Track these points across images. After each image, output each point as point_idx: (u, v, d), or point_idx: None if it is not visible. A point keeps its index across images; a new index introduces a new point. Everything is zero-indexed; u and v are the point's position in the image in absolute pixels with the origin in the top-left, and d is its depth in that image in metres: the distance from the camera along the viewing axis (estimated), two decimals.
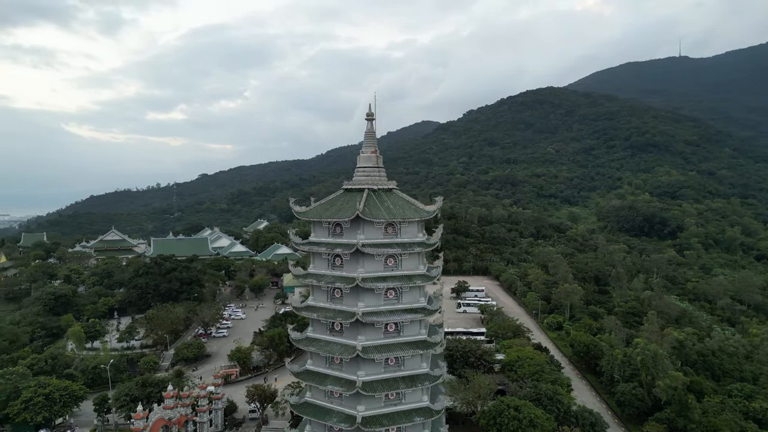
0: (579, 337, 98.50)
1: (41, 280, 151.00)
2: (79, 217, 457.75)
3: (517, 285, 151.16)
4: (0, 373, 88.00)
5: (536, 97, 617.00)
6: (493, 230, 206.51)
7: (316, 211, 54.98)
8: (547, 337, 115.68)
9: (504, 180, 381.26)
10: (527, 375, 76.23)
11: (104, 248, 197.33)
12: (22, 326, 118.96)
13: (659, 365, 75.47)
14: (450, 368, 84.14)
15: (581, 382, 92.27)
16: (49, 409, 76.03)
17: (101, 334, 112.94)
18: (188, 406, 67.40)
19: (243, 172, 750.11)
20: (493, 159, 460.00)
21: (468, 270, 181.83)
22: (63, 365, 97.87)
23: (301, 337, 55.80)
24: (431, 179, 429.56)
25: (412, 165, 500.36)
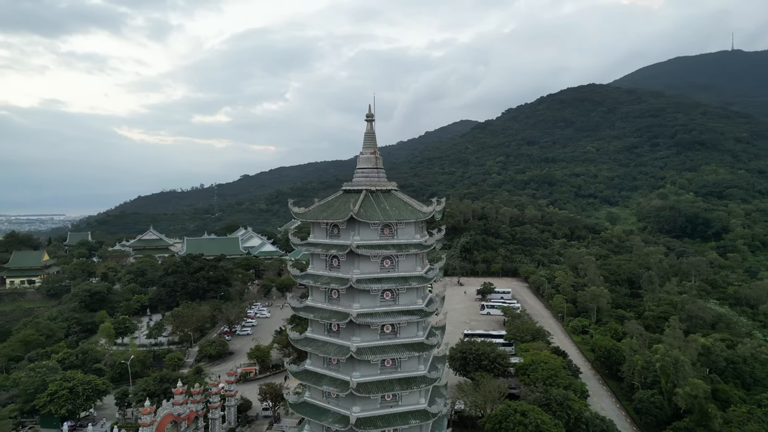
0: (600, 342, 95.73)
1: (80, 277, 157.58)
2: (126, 217, 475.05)
3: (545, 287, 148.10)
4: (31, 366, 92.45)
5: (577, 95, 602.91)
6: (525, 231, 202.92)
7: (314, 212, 55.36)
8: (571, 341, 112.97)
9: (541, 180, 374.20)
10: (539, 379, 74.62)
11: (142, 247, 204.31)
12: (58, 322, 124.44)
13: (680, 372, 72.51)
14: (463, 371, 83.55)
15: (602, 388, 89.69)
16: (72, 402, 79.17)
17: (130, 330, 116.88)
18: (199, 402, 68.90)
19: (283, 172, 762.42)
20: (531, 158, 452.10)
21: (497, 271, 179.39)
22: (92, 360, 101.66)
23: (300, 338, 56.31)
24: (467, 179, 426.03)
25: (448, 165, 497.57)
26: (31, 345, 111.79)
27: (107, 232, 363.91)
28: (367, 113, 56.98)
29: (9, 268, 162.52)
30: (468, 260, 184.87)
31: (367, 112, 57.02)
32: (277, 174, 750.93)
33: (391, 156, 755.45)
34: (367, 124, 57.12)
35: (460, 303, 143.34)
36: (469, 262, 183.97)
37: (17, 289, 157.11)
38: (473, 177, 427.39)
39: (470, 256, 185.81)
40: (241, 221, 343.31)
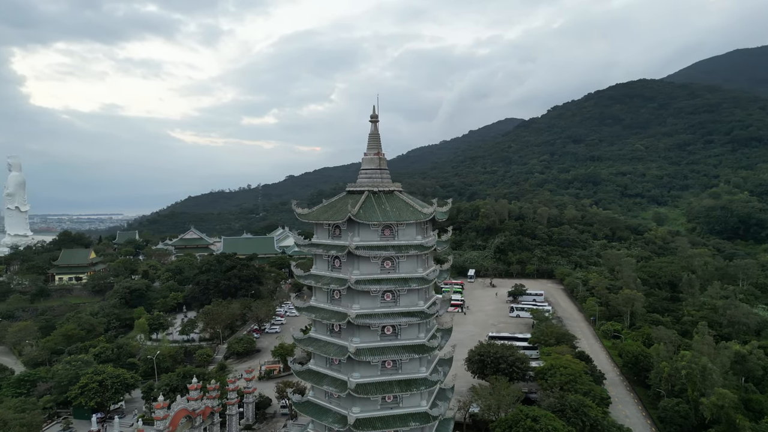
0: (628, 347, 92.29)
1: (123, 274, 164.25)
2: (175, 217, 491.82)
3: (579, 290, 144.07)
4: (67, 359, 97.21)
5: (627, 91, 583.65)
6: (562, 232, 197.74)
7: (316, 213, 55.91)
8: (601, 346, 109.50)
9: (585, 179, 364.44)
10: (557, 384, 72.73)
11: (183, 246, 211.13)
12: (99, 317, 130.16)
13: (708, 380, 69.13)
14: (481, 374, 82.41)
15: (629, 395, 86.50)
16: (101, 395, 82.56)
17: (164, 326, 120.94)
18: (214, 398, 70.56)
19: (327, 173, 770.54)
20: (576, 157, 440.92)
21: (532, 273, 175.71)
22: (127, 354, 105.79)
23: (304, 338, 56.96)
24: (508, 178, 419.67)
25: (490, 164, 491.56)
26: (73, 339, 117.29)
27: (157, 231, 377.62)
28: (371, 114, 57.02)
29: (58, 265, 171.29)
30: (502, 261, 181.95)
31: (371, 114, 57.04)
32: (321, 174, 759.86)
33: (434, 155, 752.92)
34: (371, 126, 57.17)
35: (491, 305, 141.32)
36: (504, 264, 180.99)
37: (65, 286, 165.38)
38: (515, 176, 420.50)
39: (504, 257, 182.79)
40: (283, 221, 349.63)
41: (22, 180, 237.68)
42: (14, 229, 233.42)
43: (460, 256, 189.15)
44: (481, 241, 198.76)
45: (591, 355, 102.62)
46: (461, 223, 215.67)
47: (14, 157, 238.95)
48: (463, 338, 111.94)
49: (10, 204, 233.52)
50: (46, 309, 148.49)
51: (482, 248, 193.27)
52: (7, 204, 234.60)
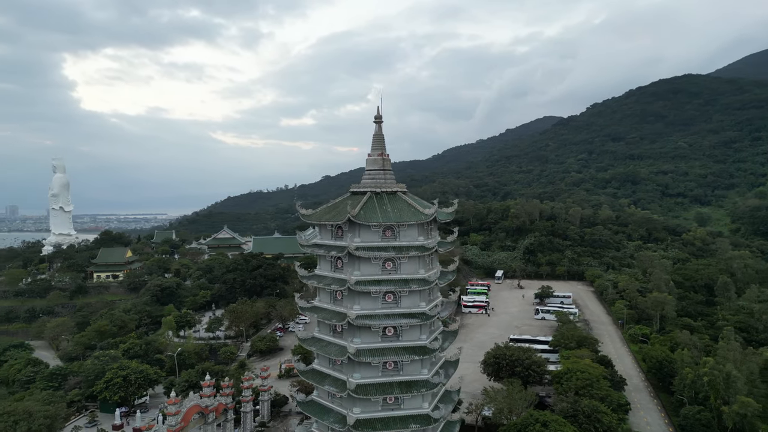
0: (652, 352, 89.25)
1: (156, 273, 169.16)
2: (213, 216, 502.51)
3: (608, 292, 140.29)
4: (96, 355, 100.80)
5: (670, 87, 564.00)
6: (595, 232, 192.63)
7: (319, 214, 56.32)
8: (628, 350, 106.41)
9: (624, 178, 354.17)
10: (572, 389, 71.03)
11: (216, 245, 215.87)
12: (131, 314, 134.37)
13: (731, 388, 66.29)
14: (496, 377, 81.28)
15: (652, 402, 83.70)
16: (125, 389, 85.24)
17: (191, 324, 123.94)
18: (228, 396, 71.87)
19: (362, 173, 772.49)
20: (615, 155, 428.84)
21: (562, 274, 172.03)
22: (154, 350, 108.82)
23: (308, 337, 57.41)
24: (544, 178, 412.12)
25: (526, 163, 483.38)
26: (105, 335, 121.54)
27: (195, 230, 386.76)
28: (375, 115, 57.05)
29: (96, 263, 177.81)
30: (532, 263, 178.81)
31: (375, 114, 57.05)
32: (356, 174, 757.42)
33: (469, 155, 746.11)
34: (375, 126, 57.18)
35: (516, 307, 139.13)
36: (533, 265, 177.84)
37: (102, 283, 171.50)
38: (551, 175, 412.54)
39: (534, 259, 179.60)
40: None
41: (66, 181, 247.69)
42: (59, 228, 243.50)
43: (488, 257, 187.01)
44: (511, 241, 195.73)
45: (616, 359, 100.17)
46: (491, 224, 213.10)
47: (59, 159, 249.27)
48: (484, 340, 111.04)
49: (55, 204, 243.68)
50: (84, 305, 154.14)
51: (511, 249, 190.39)
52: (52, 204, 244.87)
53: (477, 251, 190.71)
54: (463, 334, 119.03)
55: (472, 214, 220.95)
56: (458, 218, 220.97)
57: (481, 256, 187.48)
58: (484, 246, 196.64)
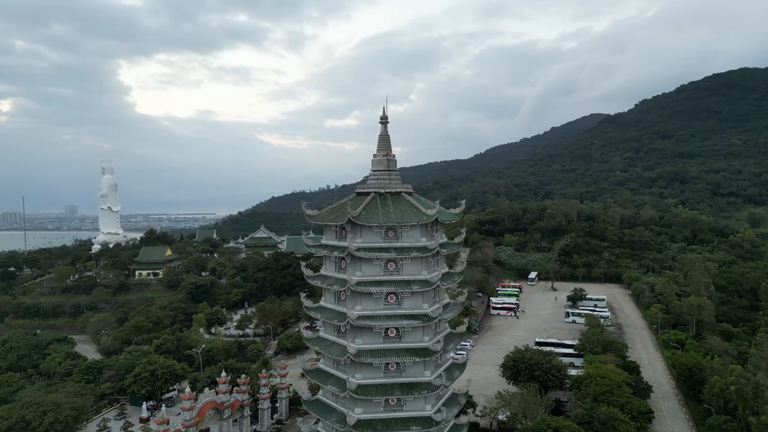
0: (682, 358, 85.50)
1: (194, 271, 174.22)
2: (256, 216, 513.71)
3: (645, 295, 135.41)
4: (129, 350, 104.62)
5: (725, 81, 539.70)
6: (635, 233, 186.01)
7: (324, 215, 56.68)
8: (660, 356, 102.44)
9: (672, 177, 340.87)
10: (591, 394, 68.95)
11: (253, 245, 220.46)
12: (167, 311, 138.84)
13: (761, 398, 62.83)
14: (514, 380, 79.80)
15: (681, 411, 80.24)
16: (152, 384, 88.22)
17: (221, 321, 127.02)
18: (244, 392, 73.22)
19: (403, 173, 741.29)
20: (664, 153, 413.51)
21: (598, 277, 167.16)
22: (185, 346, 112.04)
23: (313, 337, 57.98)
24: (587, 177, 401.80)
25: (570, 162, 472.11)
26: (141, 330, 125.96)
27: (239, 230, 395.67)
28: (381, 115, 57.07)
29: (138, 261, 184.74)
30: (567, 264, 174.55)
31: (381, 115, 57.05)
32: None
33: (512, 154, 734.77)
34: (381, 127, 57.19)
35: (547, 309, 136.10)
36: (569, 267, 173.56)
37: (143, 280, 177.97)
38: (594, 174, 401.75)
39: (570, 260, 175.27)
40: None
41: (114, 182, 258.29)
42: (107, 227, 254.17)
43: (522, 258, 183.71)
44: (547, 242, 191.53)
45: (647, 365, 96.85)
46: (527, 224, 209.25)
47: (107, 161, 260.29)
48: (510, 343, 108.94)
49: (103, 204, 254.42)
50: (125, 302, 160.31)
51: (547, 250, 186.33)
52: (101, 205, 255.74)
53: (511, 252, 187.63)
54: (489, 337, 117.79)
55: (507, 214, 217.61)
56: (493, 218, 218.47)
57: (515, 257, 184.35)
58: (519, 247, 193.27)
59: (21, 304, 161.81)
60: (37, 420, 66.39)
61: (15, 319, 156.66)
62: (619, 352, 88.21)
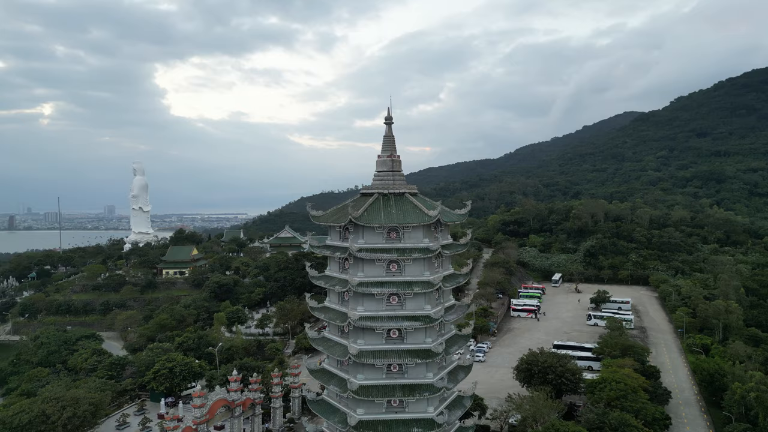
0: (703, 364, 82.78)
1: (218, 270, 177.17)
2: (284, 216, 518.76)
3: (672, 298, 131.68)
4: (150, 347, 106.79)
5: (764, 77, 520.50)
6: (665, 234, 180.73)
7: (327, 216, 56.86)
8: (684, 361, 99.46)
9: (707, 176, 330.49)
10: (605, 399, 67.44)
11: (278, 244, 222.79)
12: (190, 309, 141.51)
13: None
14: (528, 383, 78.62)
15: (702, 417, 77.73)
16: (171, 381, 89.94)
17: (242, 320, 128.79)
18: (256, 391, 74.06)
19: (431, 173, 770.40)
20: (699, 152, 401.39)
21: (625, 279, 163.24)
22: (206, 344, 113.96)
23: (318, 337, 58.21)
24: (618, 177, 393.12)
25: (600, 161, 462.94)
26: (165, 328, 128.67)
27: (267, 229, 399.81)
28: (386, 116, 57.00)
29: (165, 260, 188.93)
30: (592, 266, 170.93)
31: (386, 115, 56.97)
32: (425, 174, 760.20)
33: (543, 153, 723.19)
34: (386, 128, 57.08)
35: (569, 312, 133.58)
36: (594, 268, 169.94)
37: (170, 279, 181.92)
38: (626, 174, 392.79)
39: (595, 262, 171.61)
40: None
41: (145, 183, 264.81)
42: (138, 227, 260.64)
43: (546, 259, 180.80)
44: (572, 243, 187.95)
45: (670, 370, 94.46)
46: (552, 225, 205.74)
47: (138, 163, 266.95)
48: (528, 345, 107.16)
49: (135, 205, 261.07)
50: (152, 300, 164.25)
51: (572, 251, 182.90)
52: (132, 205, 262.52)
53: (535, 253, 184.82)
54: (508, 339, 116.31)
55: (532, 214, 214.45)
56: (518, 219, 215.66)
57: (539, 258, 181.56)
58: (544, 248, 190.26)
59: (53, 302, 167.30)
60: (56, 414, 68.39)
61: (48, 315, 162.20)
62: (638, 356, 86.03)
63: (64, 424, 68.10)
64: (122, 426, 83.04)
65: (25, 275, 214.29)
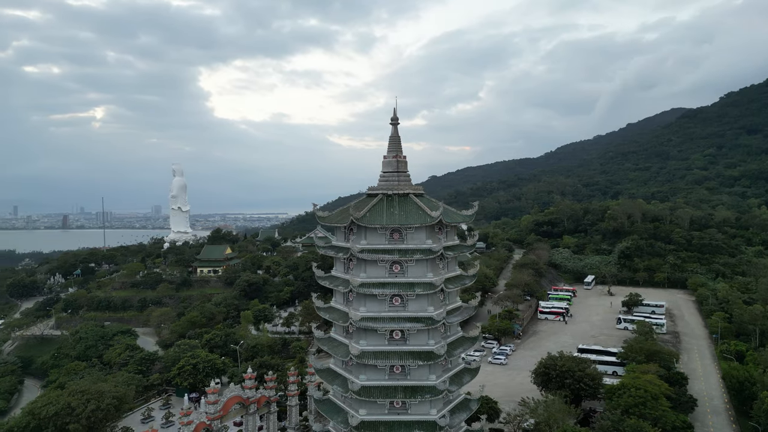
0: (734, 371, 79.08)
1: (250, 269, 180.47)
2: None
3: (709, 302, 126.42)
4: (178, 343, 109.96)
5: None
6: (706, 236, 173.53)
7: (333, 216, 57.22)
8: (717, 368, 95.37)
9: (757, 174, 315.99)
10: (623, 406, 65.37)
11: (310, 243, 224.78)
12: (220, 307, 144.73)
13: None
14: (545, 387, 77.05)
15: (730, 427, 74.33)
16: (194, 377, 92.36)
17: (269, 318, 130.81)
18: (271, 389, 75.06)
19: (469, 172, 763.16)
20: (749, 150, 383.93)
21: (661, 281, 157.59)
22: (232, 342, 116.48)
23: (324, 337, 58.59)
24: (661, 176, 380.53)
25: (644, 159, 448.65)
26: (196, 325, 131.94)
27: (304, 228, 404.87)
28: (392, 117, 56.96)
29: (200, 259, 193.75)
30: (627, 268, 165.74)
31: (392, 116, 56.92)
32: (463, 174, 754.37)
33: (584, 152, 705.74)
34: (392, 128, 56.98)
35: (599, 315, 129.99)
36: (629, 270, 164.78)
37: (204, 277, 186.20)
38: (670, 173, 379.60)
39: (630, 264, 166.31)
40: None
41: (184, 184, 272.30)
42: (177, 226, 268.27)
43: (579, 261, 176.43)
44: (607, 245, 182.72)
45: (700, 377, 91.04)
46: (587, 226, 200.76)
47: (177, 164, 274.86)
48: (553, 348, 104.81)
49: (174, 205, 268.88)
50: (186, 297, 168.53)
51: (607, 253, 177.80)
52: (171, 205, 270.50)
53: (568, 254, 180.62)
54: (532, 342, 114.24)
55: (567, 215, 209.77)
56: (552, 219, 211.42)
57: (571, 259, 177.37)
58: (578, 249, 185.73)
59: (94, 298, 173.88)
60: (81, 407, 71.05)
61: (89, 311, 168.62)
62: (664, 362, 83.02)
63: (88, 416, 70.58)
64: (147, 419, 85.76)
65: (71, 272, 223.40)
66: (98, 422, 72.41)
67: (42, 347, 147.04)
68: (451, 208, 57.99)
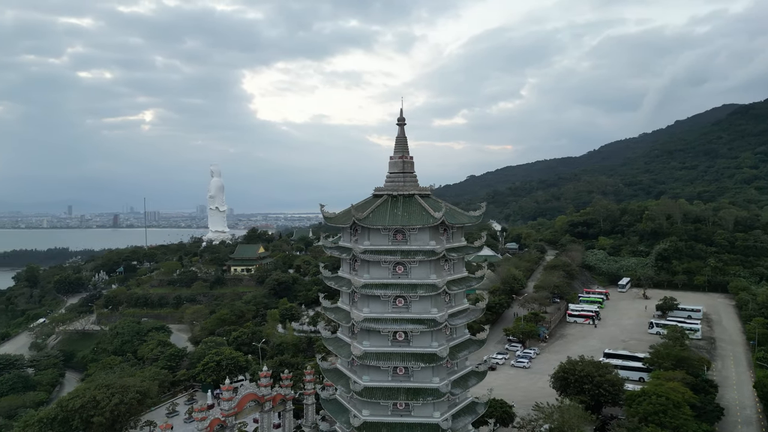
0: (765, 380, 75.23)
1: (281, 268, 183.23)
2: None
3: (748, 306, 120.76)
4: (205, 340, 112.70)
5: None
6: (750, 237, 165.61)
7: (338, 217, 57.40)
8: (751, 376, 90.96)
9: None
10: (642, 413, 63.20)
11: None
12: (250, 305, 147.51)
13: None
14: (563, 392, 75.26)
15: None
16: (217, 373, 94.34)
17: (295, 317, 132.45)
18: (287, 387, 75.95)
19: (509, 172, 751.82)
20: None
21: (701, 285, 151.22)
22: (258, 340, 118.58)
23: (331, 337, 58.95)
24: (709, 174, 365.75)
25: (691, 158, 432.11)
26: (225, 322, 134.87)
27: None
28: (399, 117, 56.87)
29: (233, 258, 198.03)
30: (665, 270, 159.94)
31: (399, 117, 56.81)
32: (502, 173, 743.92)
33: (629, 150, 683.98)
34: (398, 129, 56.82)
35: (632, 319, 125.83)
36: (667, 273, 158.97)
37: (237, 276, 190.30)
38: (718, 172, 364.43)
39: (668, 266, 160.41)
40: None
41: (221, 184, 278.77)
42: (215, 226, 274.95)
43: (615, 262, 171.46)
44: (644, 246, 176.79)
45: (733, 385, 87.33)
46: (624, 227, 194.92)
47: (215, 165, 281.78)
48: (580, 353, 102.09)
49: (212, 205, 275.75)
50: (219, 295, 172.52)
51: (644, 255, 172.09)
52: (209, 205, 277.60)
53: (603, 256, 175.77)
54: (558, 345, 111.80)
55: (603, 215, 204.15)
56: (587, 220, 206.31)
57: (606, 261, 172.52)
58: (613, 251, 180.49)
59: (133, 295, 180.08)
60: (105, 400, 73.72)
61: (128, 308, 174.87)
62: (692, 368, 79.80)
63: (112, 409, 73.15)
64: (171, 414, 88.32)
65: (115, 270, 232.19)
66: (121, 415, 74.89)
67: (83, 342, 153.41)
68: (458, 208, 57.42)
